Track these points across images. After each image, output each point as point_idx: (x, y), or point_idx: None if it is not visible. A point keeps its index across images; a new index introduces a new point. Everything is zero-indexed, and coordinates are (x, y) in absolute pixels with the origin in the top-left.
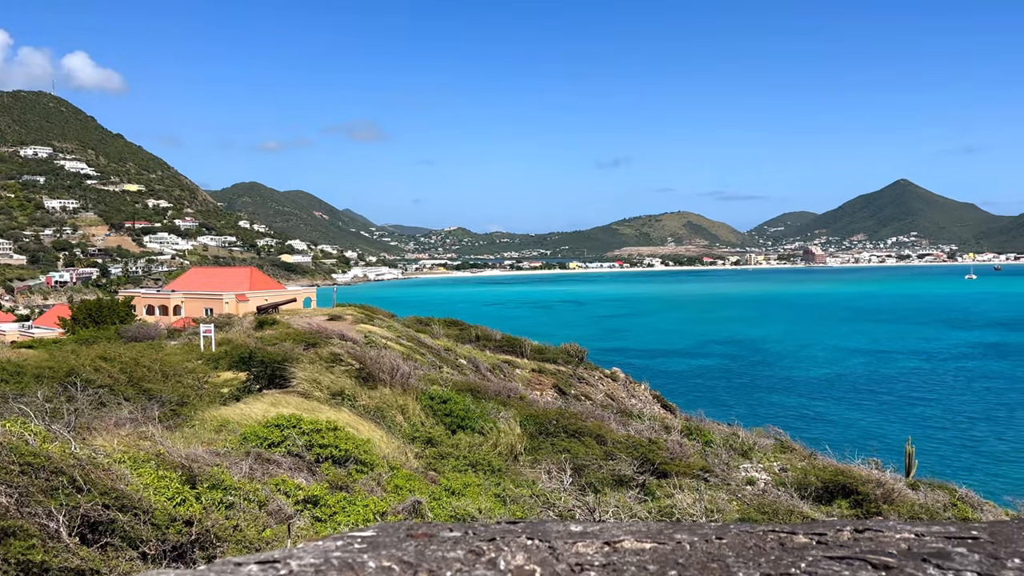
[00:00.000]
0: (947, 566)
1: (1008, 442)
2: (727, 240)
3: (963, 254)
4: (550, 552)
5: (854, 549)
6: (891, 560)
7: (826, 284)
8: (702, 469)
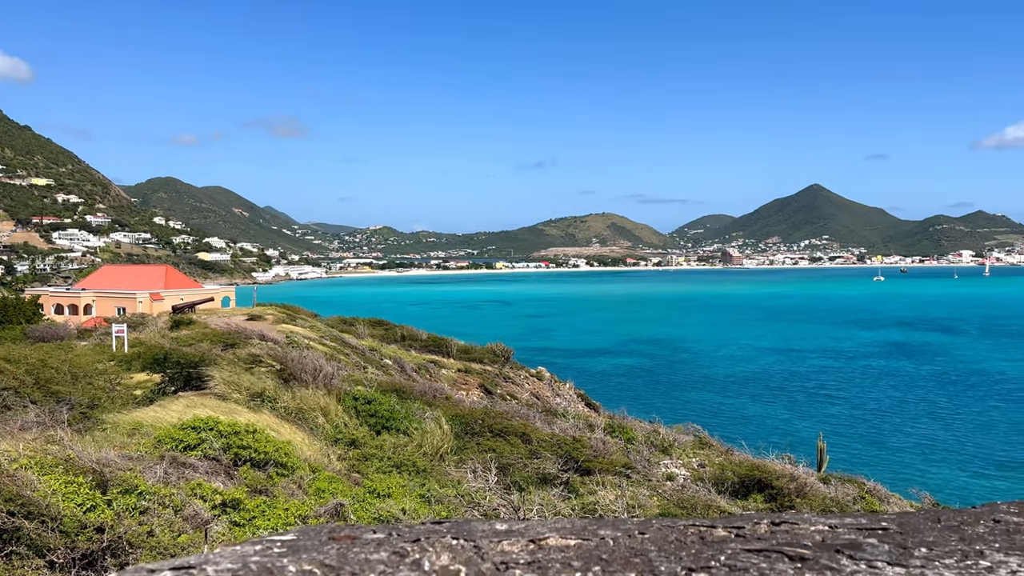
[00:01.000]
0: (859, 556)
1: (912, 437)
2: (649, 242)
3: (871, 257)
4: (475, 552)
5: (771, 542)
6: (807, 552)
7: (743, 285)
8: (624, 466)
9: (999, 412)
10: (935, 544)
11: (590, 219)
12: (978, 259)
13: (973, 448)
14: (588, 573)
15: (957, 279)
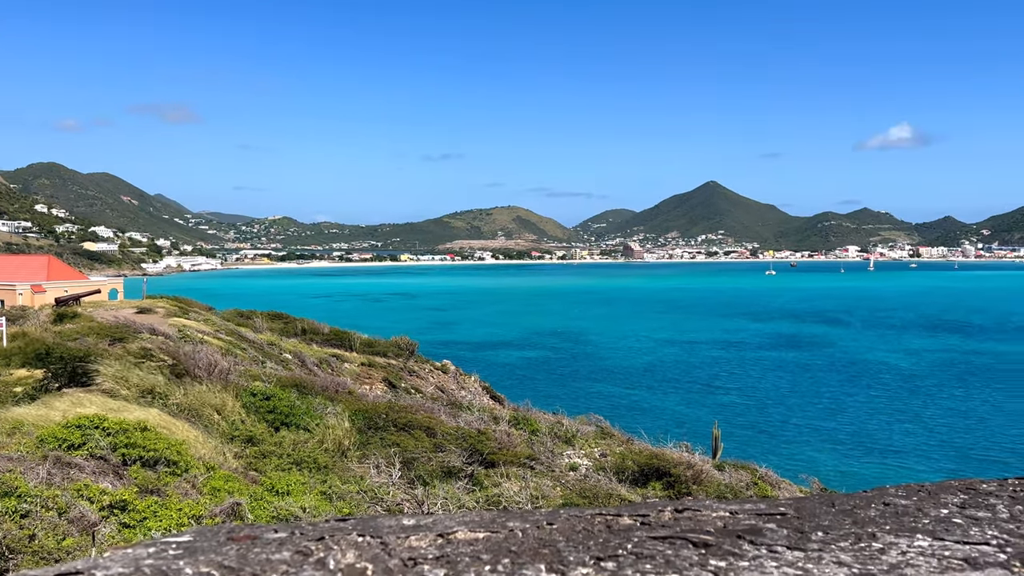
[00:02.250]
0: (760, 541)
1: (800, 425)
2: (554, 235)
3: (764, 251)
4: (382, 548)
5: (675, 529)
6: (709, 538)
7: (643, 279)
8: (528, 457)
9: (881, 401)
10: (831, 528)
11: (496, 212)
12: (863, 254)
13: (857, 435)
14: (498, 566)
15: (843, 273)
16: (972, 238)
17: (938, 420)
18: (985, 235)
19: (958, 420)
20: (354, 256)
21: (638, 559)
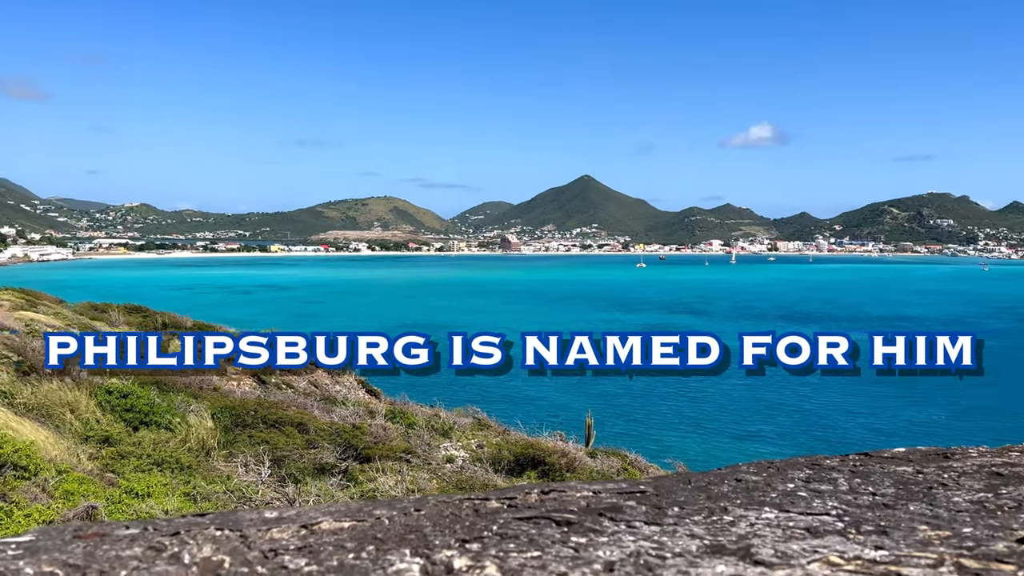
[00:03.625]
0: (619, 518)
1: (668, 412)
2: (432, 227)
3: (635, 245)
4: (241, 541)
5: (540, 509)
6: (572, 516)
7: (521, 271)
8: (405, 451)
9: (742, 389)
10: (686, 503)
11: (372, 202)
12: (726, 248)
13: (720, 420)
14: (362, 553)
15: (708, 266)
16: (825, 233)
17: (793, 405)
18: (837, 230)
19: (811, 405)
20: (220, 246)
21: (503, 539)
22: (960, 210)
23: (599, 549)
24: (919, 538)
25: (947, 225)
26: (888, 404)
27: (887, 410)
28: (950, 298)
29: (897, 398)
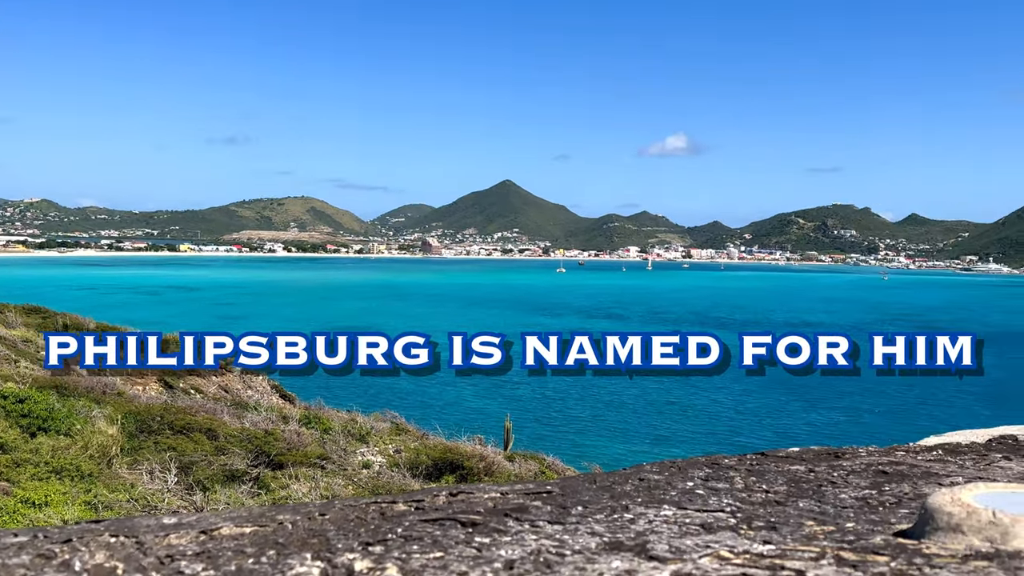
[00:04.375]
0: (524, 518)
1: (584, 416)
2: (351, 228)
3: (555, 250)
4: (137, 547)
5: (447, 511)
6: (478, 517)
7: (442, 274)
8: (320, 457)
9: (656, 392)
10: (590, 502)
11: (288, 202)
12: (643, 254)
13: (633, 423)
14: (262, 558)
15: (625, 272)
16: (736, 241)
17: (704, 408)
18: (747, 239)
19: (720, 408)
20: (126, 245)
21: (407, 541)
22: (862, 221)
23: (501, 548)
24: (805, 533)
25: (850, 235)
26: (791, 406)
27: (792, 412)
28: (851, 305)
29: (801, 400)
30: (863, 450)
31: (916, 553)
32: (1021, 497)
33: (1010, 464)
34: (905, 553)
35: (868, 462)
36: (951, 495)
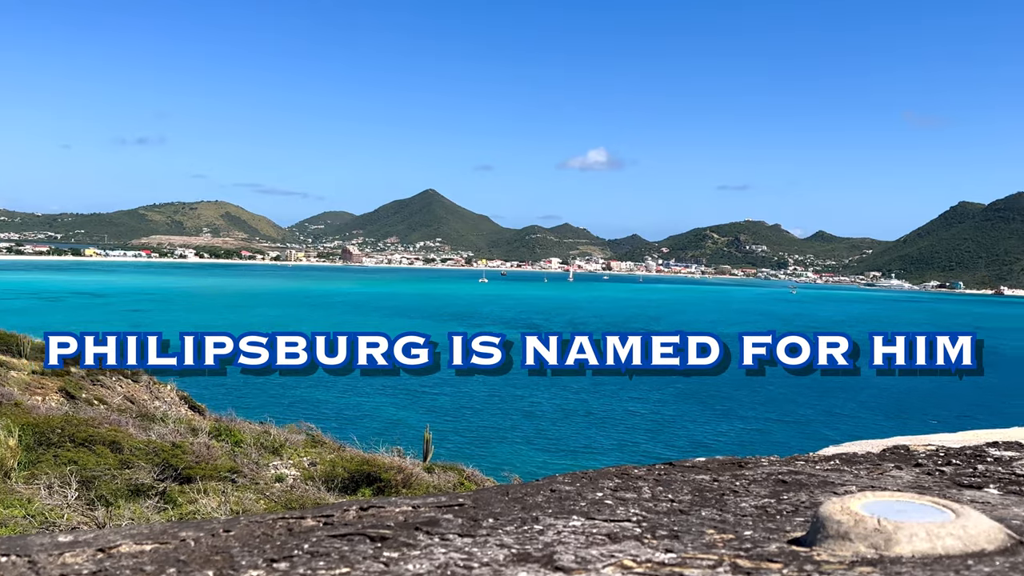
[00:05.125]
0: (435, 531)
1: (504, 426)
2: (268, 235)
3: (478, 260)
4: (29, 567)
5: (357, 526)
6: (387, 531)
7: (362, 283)
8: (230, 470)
9: (575, 402)
10: (501, 514)
11: (201, 206)
12: (564, 266)
13: (552, 434)
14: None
15: (547, 283)
16: (654, 255)
17: (620, 418)
18: (665, 252)
19: (635, 418)
20: (27, 248)
21: (313, 557)
22: (773, 237)
23: (409, 563)
24: (705, 541)
25: (761, 251)
26: (705, 415)
27: (705, 422)
28: (761, 318)
29: (713, 410)
30: (765, 460)
31: (807, 560)
32: (905, 505)
33: (901, 473)
34: (797, 560)
35: (770, 471)
36: (840, 504)
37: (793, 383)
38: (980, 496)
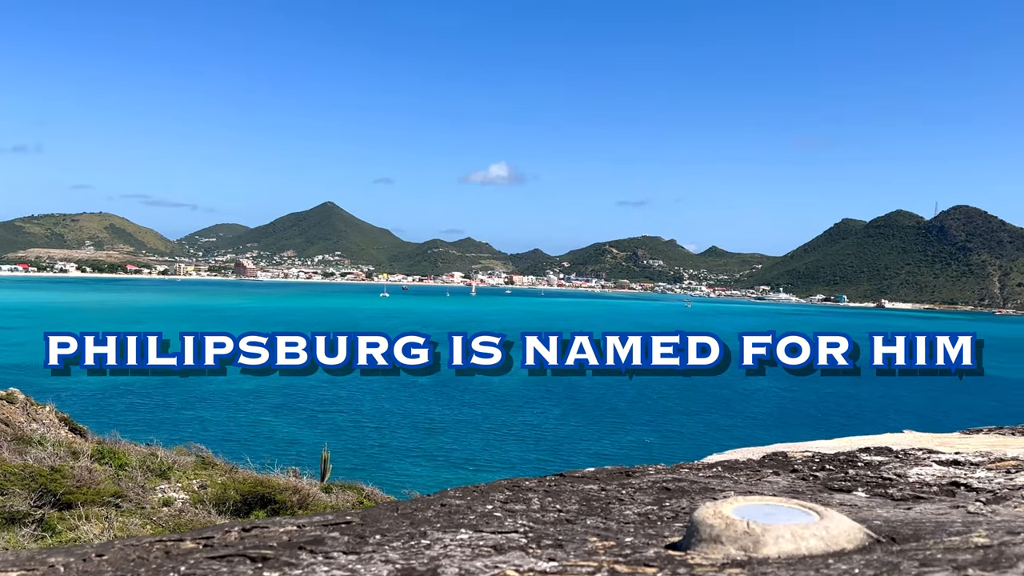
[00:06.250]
0: (319, 550)
1: (406, 443)
2: (155, 248)
3: (379, 274)
4: None
5: (237, 547)
6: (269, 552)
7: (257, 298)
8: (114, 495)
9: (479, 418)
10: (389, 531)
11: (84, 218)
12: (467, 280)
13: (454, 448)
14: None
15: (449, 297)
16: (556, 269)
17: (524, 432)
18: (566, 267)
19: (537, 432)
20: None
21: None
22: (669, 252)
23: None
24: (588, 549)
25: (658, 265)
26: (603, 428)
27: (602, 434)
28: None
29: (609, 422)
30: (652, 468)
31: (681, 563)
32: (774, 509)
33: (777, 479)
34: (672, 564)
35: (655, 479)
36: (714, 508)
37: (688, 392)
38: (848, 499)
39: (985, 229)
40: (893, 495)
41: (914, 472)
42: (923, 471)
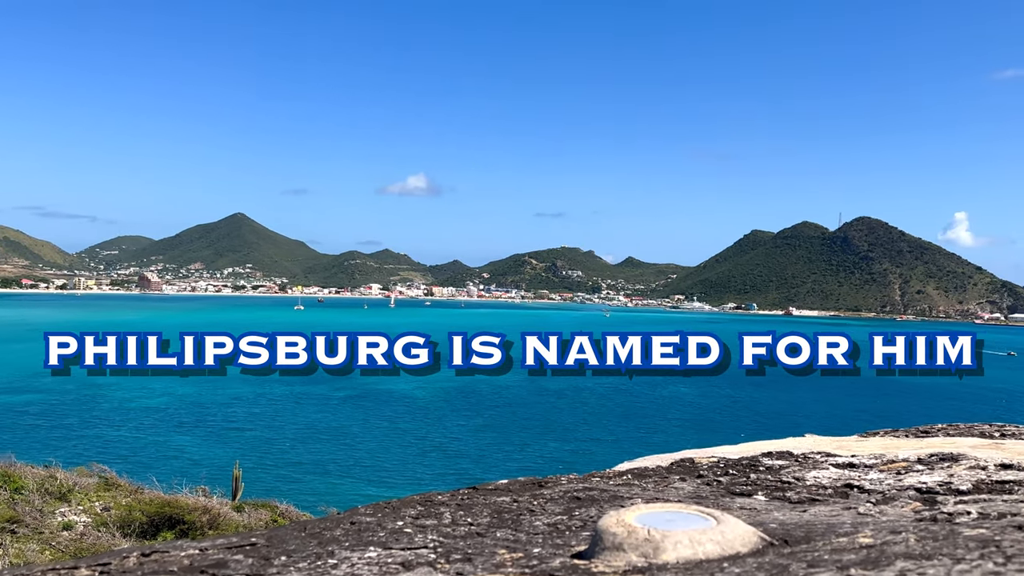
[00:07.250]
0: (221, 573)
1: (323, 459)
2: (52, 261)
3: (293, 287)
4: None
5: (136, 574)
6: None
7: (163, 312)
8: (10, 520)
9: (394, 433)
10: (295, 551)
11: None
12: (385, 291)
13: (373, 463)
14: None
15: (367, 309)
16: (475, 280)
17: (445, 443)
18: (486, 278)
19: (459, 444)
20: None
21: None
22: (587, 263)
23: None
24: (496, 561)
25: (577, 276)
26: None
27: (525, 444)
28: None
29: (531, 432)
30: (564, 478)
31: (586, 572)
32: (675, 515)
33: (684, 485)
34: (576, 573)
35: (567, 489)
36: (616, 517)
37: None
38: (749, 503)
39: (886, 239)
40: (791, 498)
41: (812, 475)
42: (820, 474)
